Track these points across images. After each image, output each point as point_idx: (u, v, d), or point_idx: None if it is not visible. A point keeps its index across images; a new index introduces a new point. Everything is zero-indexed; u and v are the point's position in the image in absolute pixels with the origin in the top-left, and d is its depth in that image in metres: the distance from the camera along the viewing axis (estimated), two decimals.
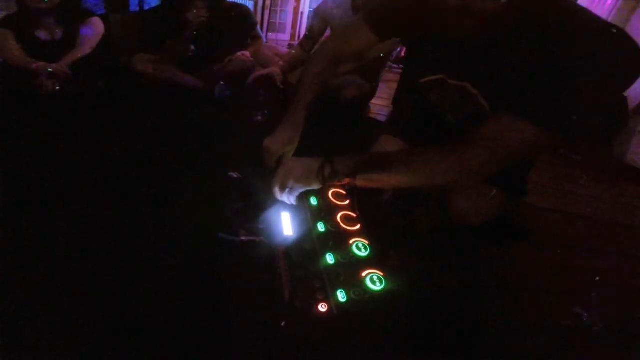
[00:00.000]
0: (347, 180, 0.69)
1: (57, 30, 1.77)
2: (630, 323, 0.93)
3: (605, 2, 2.88)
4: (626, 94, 0.67)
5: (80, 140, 1.35)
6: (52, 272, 0.76)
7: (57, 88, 1.68)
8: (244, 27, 2.01)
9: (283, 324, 0.60)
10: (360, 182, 0.69)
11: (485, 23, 0.60)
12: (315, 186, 0.73)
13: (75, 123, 1.50)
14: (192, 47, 1.90)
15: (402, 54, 4.28)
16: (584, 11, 0.65)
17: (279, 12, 4.75)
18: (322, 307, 0.61)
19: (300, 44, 2.06)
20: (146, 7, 2.83)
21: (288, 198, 0.75)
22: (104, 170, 1.15)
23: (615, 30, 0.60)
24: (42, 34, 1.75)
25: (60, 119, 1.53)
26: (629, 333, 0.91)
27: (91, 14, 1.89)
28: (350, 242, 0.71)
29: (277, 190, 0.74)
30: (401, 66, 4.09)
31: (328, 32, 1.99)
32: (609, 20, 2.88)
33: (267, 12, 4.11)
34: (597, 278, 1.12)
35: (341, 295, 0.62)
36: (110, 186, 1.06)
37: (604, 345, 0.86)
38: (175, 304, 0.71)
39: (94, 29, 1.84)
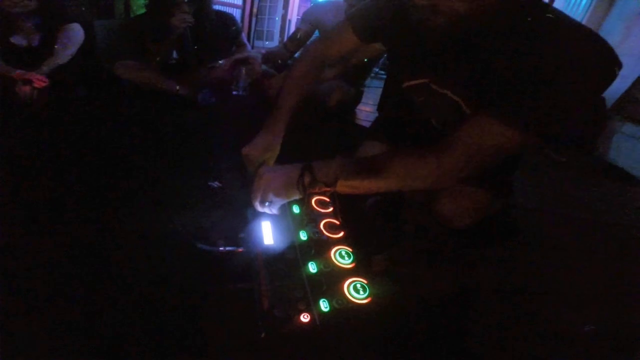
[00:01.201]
0: (327, 189, 0.67)
1: (35, 36, 1.72)
2: (623, 324, 0.93)
3: (580, 2, 2.97)
4: (604, 94, 0.68)
5: (60, 147, 1.31)
6: (30, 278, 0.73)
7: (36, 96, 1.63)
8: (228, 34, 2.00)
9: (263, 335, 0.58)
10: (341, 188, 0.68)
11: (454, 23, 0.60)
12: (296, 197, 0.71)
13: (56, 130, 1.46)
14: (175, 55, 1.87)
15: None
16: (559, 13, 0.66)
17: (266, 19, 4.76)
18: (304, 318, 0.59)
19: (285, 44, 2.06)
20: (131, 15, 2.81)
21: (270, 209, 0.73)
22: (82, 178, 1.11)
23: (590, 33, 0.61)
24: (19, 40, 1.70)
25: (41, 126, 1.49)
26: (624, 334, 0.90)
27: (71, 19, 1.84)
28: (333, 250, 0.70)
29: (257, 204, 0.72)
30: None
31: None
32: (584, 20, 2.96)
33: (254, 20, 4.11)
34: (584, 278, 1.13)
35: (324, 305, 0.60)
36: (89, 194, 1.03)
37: (601, 347, 0.86)
38: (152, 315, 0.68)
39: (74, 35, 1.79)
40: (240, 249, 0.72)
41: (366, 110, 2.38)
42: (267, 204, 0.71)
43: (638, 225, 1.58)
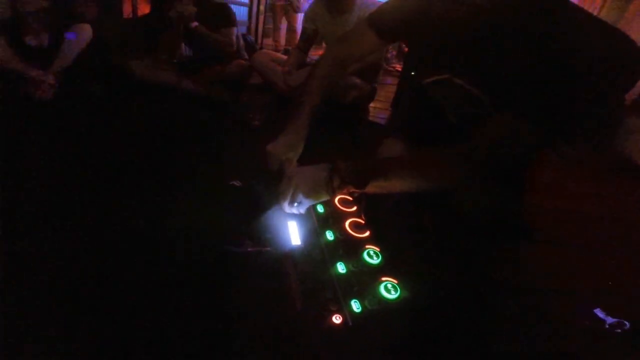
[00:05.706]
0: (357, 191, 0.67)
1: (44, 36, 1.76)
2: None
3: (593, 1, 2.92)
4: None
5: (75, 146, 1.31)
6: (48, 283, 0.72)
7: (44, 96, 1.66)
8: (227, 25, 2.00)
9: (295, 337, 0.57)
10: (369, 189, 0.68)
11: (476, 16, 0.60)
12: (325, 198, 0.72)
13: (70, 128, 1.45)
14: (189, 51, 1.88)
15: (394, 54, 4.34)
16: (582, 10, 0.65)
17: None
18: (337, 319, 0.59)
19: (297, 45, 2.09)
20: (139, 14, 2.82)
21: (298, 210, 0.74)
22: (101, 179, 1.10)
23: (615, 31, 0.60)
24: (31, 40, 1.74)
25: (54, 124, 1.49)
26: None
27: (79, 19, 1.86)
28: (361, 249, 0.69)
29: (286, 205, 0.72)
30: (395, 66, 4.13)
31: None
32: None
33: (261, 18, 4.09)
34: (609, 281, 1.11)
35: (355, 306, 0.60)
36: (108, 196, 1.02)
37: (625, 346, 0.85)
38: (182, 318, 0.68)
39: (80, 35, 1.81)
40: (267, 248, 0.71)
41: (378, 107, 2.37)
42: (295, 204, 0.71)
43: None
